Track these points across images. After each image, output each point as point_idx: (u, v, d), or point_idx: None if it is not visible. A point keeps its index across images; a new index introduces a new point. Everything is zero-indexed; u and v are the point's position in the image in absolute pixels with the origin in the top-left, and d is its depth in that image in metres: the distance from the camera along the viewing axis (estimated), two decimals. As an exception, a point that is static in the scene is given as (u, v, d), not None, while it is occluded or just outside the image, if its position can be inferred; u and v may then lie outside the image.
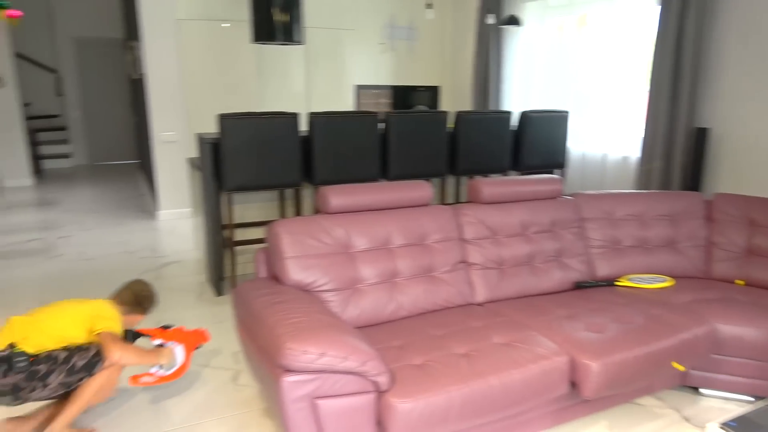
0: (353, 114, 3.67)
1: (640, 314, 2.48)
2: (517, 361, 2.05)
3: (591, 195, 3.14)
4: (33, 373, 2.04)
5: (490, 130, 4.17)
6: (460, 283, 2.62)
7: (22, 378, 2.02)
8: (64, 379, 2.08)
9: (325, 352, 1.73)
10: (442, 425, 1.88)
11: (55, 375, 2.06)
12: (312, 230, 2.38)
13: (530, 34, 5.39)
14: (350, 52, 6.21)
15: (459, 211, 2.76)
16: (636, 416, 2.45)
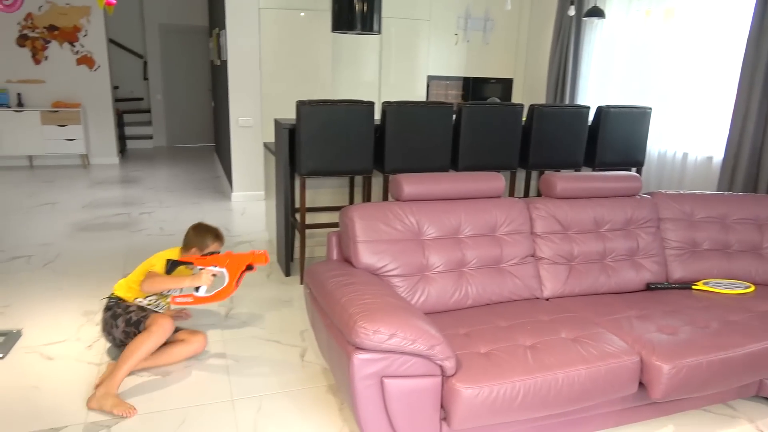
0: (426, 104, 3.70)
1: (717, 320, 2.39)
2: (585, 357, 2.04)
3: (670, 194, 3.04)
4: (113, 314, 2.62)
5: (565, 124, 4.09)
6: (528, 276, 2.62)
7: (109, 315, 2.63)
8: (124, 327, 2.57)
9: (395, 333, 1.79)
10: (505, 414, 1.91)
11: (120, 319, 2.58)
12: (384, 216, 2.45)
13: (612, 27, 5.21)
14: (424, 42, 6.22)
15: (531, 205, 2.75)
16: (706, 424, 2.38)
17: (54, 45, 7.34)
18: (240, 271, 2.56)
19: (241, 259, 2.57)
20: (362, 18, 4.10)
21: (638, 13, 4.92)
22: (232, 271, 2.56)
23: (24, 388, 2.45)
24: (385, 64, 6.12)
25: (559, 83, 5.79)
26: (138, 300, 2.68)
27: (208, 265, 2.58)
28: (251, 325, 3.14)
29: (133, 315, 2.58)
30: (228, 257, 2.58)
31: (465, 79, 6.59)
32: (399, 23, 6.05)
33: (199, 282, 2.53)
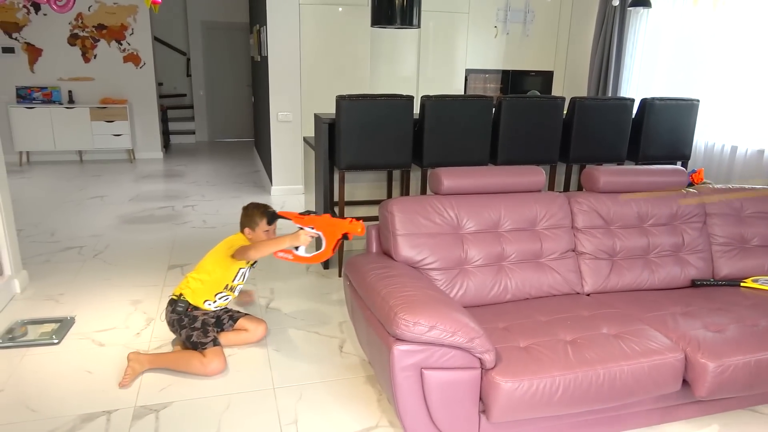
0: (465, 97, 3.68)
1: (766, 318, 2.32)
2: (627, 353, 2.01)
3: (718, 189, 2.95)
4: (179, 320, 2.70)
5: (607, 117, 4.01)
6: (568, 271, 2.59)
7: (176, 319, 2.71)
8: (185, 340, 2.70)
9: (435, 325, 1.81)
10: (545, 409, 1.91)
11: (185, 332, 2.69)
12: (423, 210, 2.46)
13: (658, 16, 5.06)
14: (462, 35, 6.18)
15: (572, 199, 2.72)
16: (752, 424, 2.31)
17: (102, 43, 7.61)
18: (337, 238, 2.60)
19: (338, 226, 2.59)
20: (402, 12, 4.11)
21: (685, 2, 4.77)
22: (329, 237, 2.60)
23: (78, 372, 2.57)
24: (423, 58, 6.11)
25: (601, 75, 5.67)
26: (207, 302, 2.75)
27: (306, 225, 2.64)
28: (291, 316, 3.21)
29: (196, 336, 2.64)
30: (326, 221, 2.61)
31: (504, 72, 6.52)
32: (438, 17, 6.03)
33: (298, 242, 2.60)
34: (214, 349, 2.61)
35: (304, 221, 2.65)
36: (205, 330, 2.67)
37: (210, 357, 2.56)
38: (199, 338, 2.63)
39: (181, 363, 2.58)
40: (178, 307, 2.70)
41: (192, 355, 2.59)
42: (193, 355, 2.58)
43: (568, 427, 2.11)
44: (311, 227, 2.63)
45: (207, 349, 2.59)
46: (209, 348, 2.60)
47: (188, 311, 2.70)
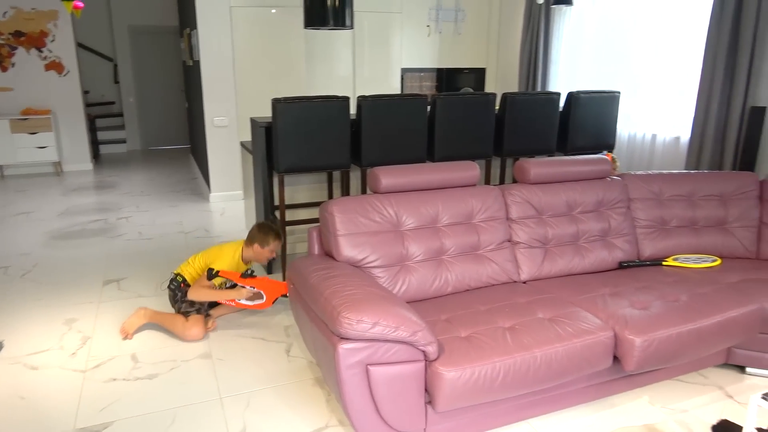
0: (401, 96, 3.74)
1: (686, 293, 2.49)
2: (561, 335, 2.12)
3: (639, 175, 3.13)
4: (173, 295, 3.09)
5: (537, 111, 4.17)
6: (505, 261, 2.69)
7: (170, 295, 3.11)
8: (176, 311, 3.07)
9: (378, 322, 1.84)
10: (487, 394, 1.98)
11: (176, 304, 3.07)
12: (363, 209, 2.49)
13: (580, 13, 5.31)
14: (396, 35, 6.26)
15: (506, 191, 2.82)
16: (678, 392, 2.49)
17: (21, 51, 7.20)
18: (276, 296, 3.07)
19: (278, 287, 3.07)
20: (334, 13, 4.12)
21: None
22: (269, 293, 3.06)
23: (10, 399, 2.45)
24: (358, 58, 6.14)
25: (530, 71, 5.88)
26: None
27: (247, 285, 3.03)
28: (235, 323, 3.17)
29: (184, 306, 3.05)
30: (265, 282, 3.06)
31: (438, 70, 6.64)
32: (371, 17, 6.08)
33: (238, 296, 3.02)
34: (196, 316, 2.99)
35: (246, 282, 3.03)
36: (191, 302, 3.03)
37: (191, 323, 2.95)
38: (185, 308, 3.03)
39: (169, 322, 3.00)
40: (172, 285, 3.09)
41: (178, 318, 2.99)
42: (179, 318, 2.99)
43: (511, 410, 2.20)
44: (252, 286, 3.03)
45: (190, 315, 2.99)
46: (192, 315, 2.99)
47: (181, 287, 3.05)
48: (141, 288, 3.65)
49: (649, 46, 4.62)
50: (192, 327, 2.94)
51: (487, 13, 6.64)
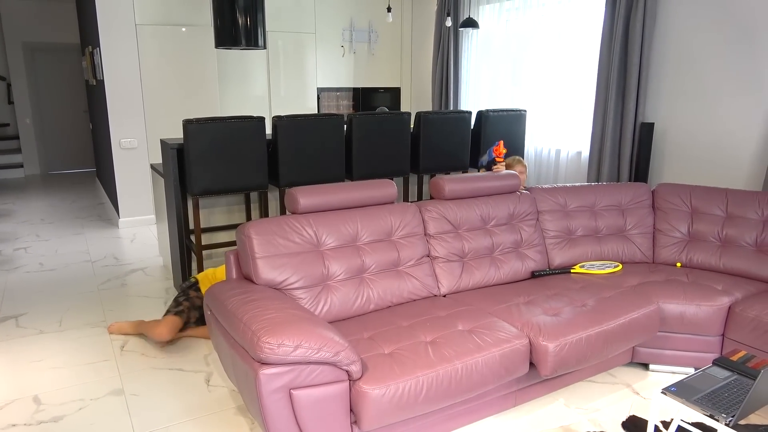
0: (317, 116, 3.75)
1: (593, 298, 2.66)
2: (481, 345, 2.19)
3: (546, 188, 3.32)
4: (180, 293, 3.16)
5: (450, 129, 4.32)
6: (425, 276, 2.75)
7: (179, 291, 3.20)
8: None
9: (300, 344, 1.81)
10: (412, 408, 2.00)
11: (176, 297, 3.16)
12: (281, 230, 2.46)
13: (487, 36, 5.58)
14: (311, 54, 6.28)
15: (423, 208, 2.89)
16: (590, 392, 2.63)
17: None
18: None
19: None
20: (246, 33, 4.08)
21: (508, 22, 5.32)
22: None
23: None
24: (274, 77, 6.09)
25: (443, 90, 6.09)
26: None
27: None
28: (150, 356, 3.00)
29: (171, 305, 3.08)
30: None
31: (355, 90, 6.73)
32: (285, 36, 6.06)
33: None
34: (169, 317, 3.00)
35: None
36: (176, 302, 3.07)
37: (162, 322, 2.96)
38: (171, 307, 3.06)
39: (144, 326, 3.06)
40: (183, 284, 3.17)
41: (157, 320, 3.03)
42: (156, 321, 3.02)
43: (437, 422, 2.23)
44: None
45: (165, 315, 3.02)
46: (167, 315, 3.01)
47: (187, 289, 3.12)
48: (42, 323, 3.38)
49: (550, 67, 4.93)
50: (160, 326, 2.94)
51: (399, 34, 6.82)
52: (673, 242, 3.24)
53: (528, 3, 5.06)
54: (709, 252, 3.13)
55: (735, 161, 3.73)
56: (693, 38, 3.87)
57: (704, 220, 3.21)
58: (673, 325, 2.69)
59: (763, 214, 3.07)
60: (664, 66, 4.08)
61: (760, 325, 2.52)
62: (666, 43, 4.04)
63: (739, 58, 3.63)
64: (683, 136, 4.02)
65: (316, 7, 6.23)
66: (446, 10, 5.79)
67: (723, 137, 3.78)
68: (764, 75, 3.52)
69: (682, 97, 3.99)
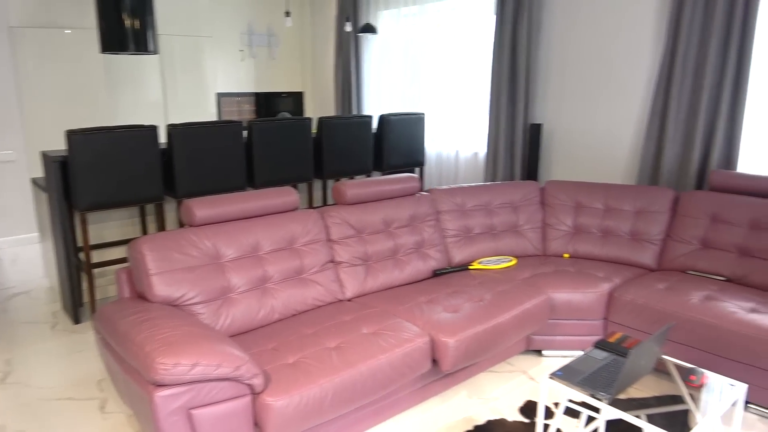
0: (214, 124, 3.65)
1: (489, 292, 2.80)
2: (384, 346, 2.23)
3: (444, 189, 3.44)
4: None
5: (352, 133, 4.36)
6: (330, 281, 2.76)
7: None
8: None
9: (197, 363, 1.76)
10: (318, 416, 2.00)
11: None
12: (177, 244, 2.37)
13: (387, 41, 5.68)
14: (208, 59, 6.08)
15: (325, 213, 2.90)
16: (490, 382, 2.77)
17: None
18: None
19: None
20: (135, 37, 3.89)
21: (406, 28, 5.45)
22: None
23: None
24: (169, 83, 5.84)
25: (345, 95, 6.13)
26: None
27: None
28: (36, 386, 2.78)
29: None
30: None
31: (257, 95, 6.60)
32: (180, 40, 5.83)
33: None
34: None
35: None
36: None
37: None
38: None
39: None
40: None
41: None
42: None
43: (346, 425, 2.25)
44: None
45: None
46: None
47: None
48: None
49: (447, 72, 5.12)
50: None
51: (300, 39, 6.78)
52: (560, 235, 3.48)
53: (424, 9, 5.22)
54: (592, 242, 3.40)
55: (613, 158, 4.07)
56: (572, 47, 4.18)
57: (587, 214, 3.47)
58: (562, 313, 2.90)
59: (636, 206, 3.38)
60: (549, 71, 4.37)
61: (635, 308, 2.77)
62: (549, 50, 4.34)
63: (612, 65, 3.97)
64: (568, 136, 4.33)
65: (212, 11, 6.04)
66: (345, 15, 5.84)
67: (602, 136, 4.11)
68: (634, 80, 3.87)
69: (565, 100, 4.30)
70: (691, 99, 3.49)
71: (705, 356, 2.56)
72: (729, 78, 3.28)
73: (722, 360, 2.51)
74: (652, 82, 3.77)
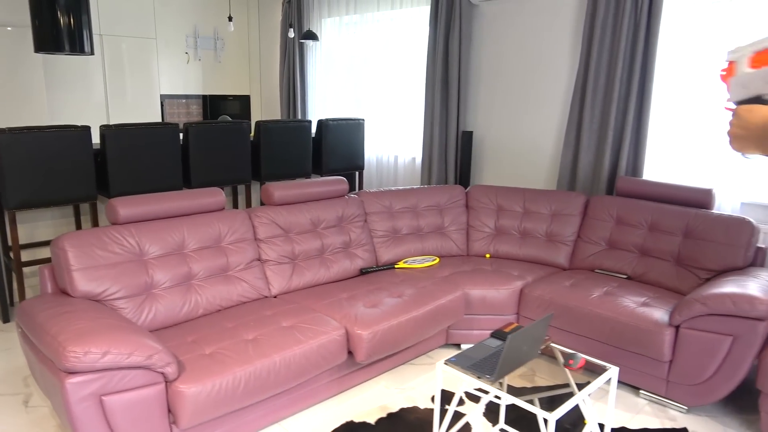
0: (149, 125, 3.70)
1: (410, 288, 2.97)
2: (300, 339, 2.37)
3: (372, 192, 3.61)
4: None
5: (291, 137, 4.48)
6: (256, 279, 2.87)
7: None
8: None
9: (108, 351, 1.85)
10: (231, 403, 2.12)
11: None
12: (100, 241, 2.44)
13: (330, 48, 5.83)
14: (153, 61, 6.08)
15: (252, 214, 3.01)
16: (409, 374, 2.94)
17: None
18: None
19: None
20: (70, 37, 3.90)
21: (348, 36, 5.61)
22: None
23: None
24: (113, 84, 5.81)
25: (290, 99, 6.24)
26: None
27: None
28: (-41, 383, 2.78)
29: None
30: None
31: (204, 97, 6.63)
32: (122, 41, 5.81)
33: None
34: None
35: None
36: None
37: None
38: None
39: None
40: None
41: None
42: None
43: (263, 415, 2.37)
44: None
45: None
46: None
47: None
48: None
49: (386, 79, 5.30)
50: None
51: (247, 43, 6.85)
52: (483, 236, 3.69)
53: (364, 18, 5.39)
54: (511, 243, 3.62)
55: (537, 164, 4.33)
56: (501, 60, 4.43)
57: (507, 216, 3.70)
58: (478, 308, 3.09)
59: (552, 209, 3.62)
60: (480, 82, 4.60)
61: (542, 303, 2.99)
62: (480, 62, 4.57)
63: (536, 78, 4.23)
64: (497, 143, 4.57)
65: (156, 13, 6.06)
66: (289, 22, 5.95)
67: (527, 144, 4.37)
68: (554, 92, 4.13)
69: (495, 109, 4.54)
70: (602, 111, 3.77)
71: (604, 347, 2.80)
72: (635, 93, 3.56)
73: (618, 351, 2.75)
74: (569, 94, 4.05)
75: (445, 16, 4.51)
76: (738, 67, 1.01)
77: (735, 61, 1.02)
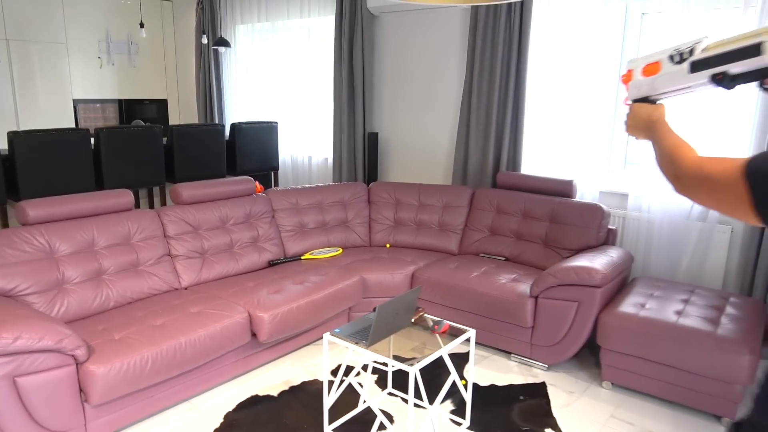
0: (59, 131, 3.82)
1: (313, 276, 3.28)
2: (205, 322, 2.63)
3: (280, 190, 3.90)
4: None
5: (204, 140, 4.68)
6: (166, 272, 3.10)
7: None
8: None
9: (19, 336, 2.05)
10: (140, 381, 2.36)
11: None
12: (9, 241, 2.60)
13: (244, 53, 6.04)
14: (64, 65, 6.07)
15: (161, 213, 3.23)
16: (313, 353, 3.26)
17: None
18: None
19: None
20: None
21: (261, 42, 5.85)
22: None
23: None
24: (26, 89, 5.76)
25: (207, 103, 6.40)
26: None
27: None
28: None
29: None
30: None
31: (120, 101, 6.65)
32: (38, 47, 5.77)
33: None
34: None
35: None
36: None
37: None
38: None
39: None
40: None
41: None
42: None
43: (172, 393, 2.61)
44: None
45: None
46: None
47: None
48: None
49: (298, 83, 5.59)
50: None
51: (162, 47, 6.93)
52: (383, 228, 4.06)
53: (275, 26, 5.65)
54: (408, 233, 4.02)
55: (436, 162, 4.76)
56: (402, 66, 4.83)
57: (405, 209, 4.09)
58: (375, 291, 3.46)
59: (443, 202, 4.05)
60: (384, 86, 4.98)
61: (430, 284, 3.39)
62: (383, 68, 4.95)
63: (431, 83, 4.66)
64: (401, 143, 4.97)
65: (66, 17, 6.04)
66: (202, 28, 6.12)
67: (427, 143, 4.79)
68: (447, 96, 4.58)
69: (399, 111, 4.94)
70: (486, 113, 4.24)
71: (482, 319, 3.23)
72: (511, 97, 4.05)
73: (493, 321, 3.19)
74: (459, 99, 4.50)
75: (348, 25, 4.85)
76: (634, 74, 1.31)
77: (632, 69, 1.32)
